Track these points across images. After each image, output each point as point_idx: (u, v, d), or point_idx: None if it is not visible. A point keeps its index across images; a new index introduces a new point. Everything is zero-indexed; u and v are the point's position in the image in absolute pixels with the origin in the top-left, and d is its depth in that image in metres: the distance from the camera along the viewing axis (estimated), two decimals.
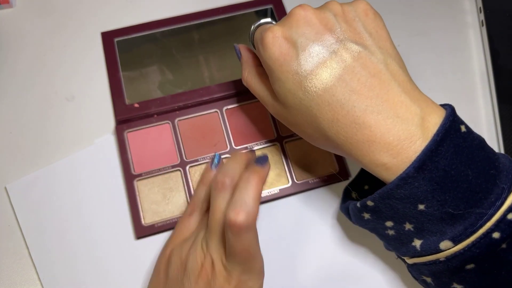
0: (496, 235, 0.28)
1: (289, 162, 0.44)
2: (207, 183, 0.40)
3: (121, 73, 0.46)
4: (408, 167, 0.29)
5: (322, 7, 0.34)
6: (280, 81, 0.33)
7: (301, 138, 0.43)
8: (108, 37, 0.48)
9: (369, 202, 0.32)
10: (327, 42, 0.31)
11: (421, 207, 0.29)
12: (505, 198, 0.29)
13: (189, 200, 0.42)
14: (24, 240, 0.41)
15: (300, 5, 0.33)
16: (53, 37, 0.49)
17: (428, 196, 0.29)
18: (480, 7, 0.52)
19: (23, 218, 0.42)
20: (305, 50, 0.31)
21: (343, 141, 0.31)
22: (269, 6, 0.50)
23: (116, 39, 0.48)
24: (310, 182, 0.44)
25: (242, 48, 0.40)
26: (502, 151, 0.45)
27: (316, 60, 0.31)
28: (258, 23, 0.38)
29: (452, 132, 0.29)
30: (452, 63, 0.50)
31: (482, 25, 0.51)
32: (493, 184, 0.29)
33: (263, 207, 0.43)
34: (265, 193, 0.43)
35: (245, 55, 0.40)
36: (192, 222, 0.39)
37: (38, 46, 0.49)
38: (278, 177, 0.44)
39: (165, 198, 0.42)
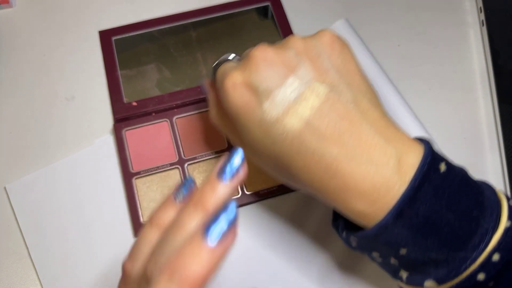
0: (481, 276, 0.27)
1: None
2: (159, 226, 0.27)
3: (119, 72, 0.46)
4: (386, 216, 0.28)
5: (283, 45, 0.31)
6: (246, 130, 0.31)
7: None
8: (106, 36, 0.48)
9: (351, 239, 0.31)
10: (291, 85, 0.29)
11: (403, 251, 0.28)
12: (490, 239, 0.27)
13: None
14: (24, 240, 0.41)
15: (258, 46, 0.31)
16: (52, 36, 0.49)
17: (409, 242, 0.28)
18: (480, 7, 0.51)
19: (23, 218, 0.42)
20: (268, 97, 0.29)
21: (318, 188, 0.29)
22: (267, 4, 0.50)
23: (114, 38, 0.48)
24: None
25: (208, 85, 0.38)
26: (503, 152, 0.45)
27: (281, 107, 0.29)
28: (218, 61, 0.35)
29: (431, 174, 0.28)
30: (452, 63, 0.50)
31: (483, 25, 0.51)
32: (476, 225, 0.28)
33: None
34: None
35: (211, 95, 0.37)
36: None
37: (37, 46, 0.49)
38: None
39: (164, 196, 0.42)
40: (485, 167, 0.45)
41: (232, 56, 0.35)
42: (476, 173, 0.45)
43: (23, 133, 0.45)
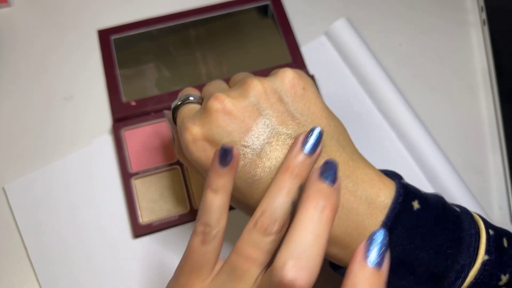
0: None
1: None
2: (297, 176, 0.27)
3: (118, 71, 0.46)
4: None
5: (241, 91, 0.29)
6: None
7: None
8: (104, 35, 0.48)
9: (334, 272, 0.31)
10: (254, 136, 0.28)
11: None
12: (466, 276, 0.27)
13: (187, 198, 0.42)
14: (22, 240, 0.41)
15: (214, 97, 0.29)
16: (50, 35, 0.49)
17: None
18: (482, 6, 0.51)
19: (21, 219, 0.41)
20: None
21: None
22: (267, 3, 0.50)
23: (112, 37, 0.48)
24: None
25: (171, 121, 0.36)
26: (505, 152, 0.45)
27: (248, 161, 0.28)
28: (177, 102, 0.33)
29: (403, 214, 0.27)
30: (454, 62, 0.50)
31: (484, 24, 0.51)
32: (452, 262, 0.27)
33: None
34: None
35: (174, 130, 0.36)
36: (210, 250, 0.27)
37: (35, 45, 0.49)
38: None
39: (163, 196, 0.42)
40: (487, 167, 0.45)
41: (191, 97, 0.33)
42: (477, 173, 0.45)
43: (21, 133, 0.45)
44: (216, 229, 0.26)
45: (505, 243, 0.28)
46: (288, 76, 0.30)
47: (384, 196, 0.28)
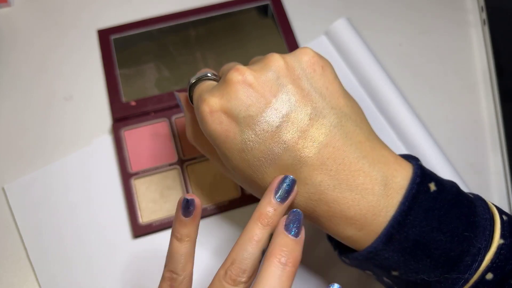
0: None
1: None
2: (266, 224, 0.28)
3: (117, 71, 0.46)
4: (376, 241, 0.27)
5: (262, 66, 0.29)
6: (226, 157, 0.30)
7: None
8: (104, 35, 0.48)
9: (344, 259, 0.31)
10: (273, 112, 0.28)
11: (395, 273, 0.28)
12: (482, 259, 0.27)
13: None
14: (22, 240, 0.41)
15: (236, 69, 0.29)
16: (50, 35, 0.49)
17: (401, 265, 0.27)
18: (482, 6, 0.51)
19: (21, 219, 0.41)
20: (249, 126, 0.28)
21: (304, 213, 0.29)
22: (267, 2, 0.50)
23: (112, 37, 0.48)
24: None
25: (183, 100, 0.36)
26: (505, 152, 0.45)
27: (262, 137, 0.28)
28: (194, 79, 0.33)
29: (421, 196, 0.27)
30: (454, 62, 0.50)
31: (484, 24, 0.51)
32: (468, 245, 0.27)
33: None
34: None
35: (186, 111, 0.36)
36: None
37: (35, 45, 0.49)
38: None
39: (163, 196, 0.42)
40: (487, 167, 0.45)
41: (209, 74, 0.33)
42: (477, 173, 0.45)
43: (21, 133, 0.45)
44: (182, 275, 0.28)
45: None
46: (308, 54, 0.30)
47: (400, 177, 0.28)
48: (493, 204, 0.30)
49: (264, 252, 0.27)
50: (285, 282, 0.25)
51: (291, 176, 0.28)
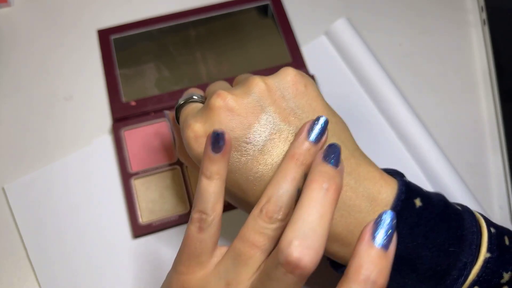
0: None
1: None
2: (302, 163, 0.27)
3: (117, 71, 0.46)
4: None
5: (244, 89, 0.29)
6: None
7: None
8: (104, 35, 0.48)
9: (334, 270, 0.31)
10: (257, 133, 0.28)
11: None
12: (468, 273, 0.27)
13: (187, 198, 0.42)
14: (22, 240, 0.41)
15: (217, 94, 0.29)
16: (50, 35, 0.49)
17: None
18: (482, 6, 0.51)
19: (21, 219, 0.41)
20: (234, 148, 0.28)
21: None
22: (267, 2, 0.50)
23: (112, 37, 0.48)
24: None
25: (172, 121, 0.37)
26: (505, 152, 0.45)
27: (249, 157, 0.28)
28: (181, 101, 0.34)
29: (405, 212, 0.27)
30: (454, 62, 0.50)
31: (484, 24, 0.50)
32: (455, 260, 0.27)
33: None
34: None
35: (175, 130, 0.36)
36: (207, 237, 0.27)
37: (35, 45, 0.49)
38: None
39: (163, 196, 0.42)
40: (487, 167, 0.45)
41: (195, 96, 0.34)
42: (478, 174, 0.45)
43: (21, 133, 0.45)
44: (212, 215, 0.26)
45: (507, 241, 0.28)
46: (290, 74, 0.30)
47: (386, 193, 0.28)
48: (481, 215, 0.30)
49: (299, 192, 0.26)
50: (328, 207, 0.23)
51: (324, 117, 0.27)
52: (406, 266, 0.27)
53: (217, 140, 0.26)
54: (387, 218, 0.22)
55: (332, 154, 0.25)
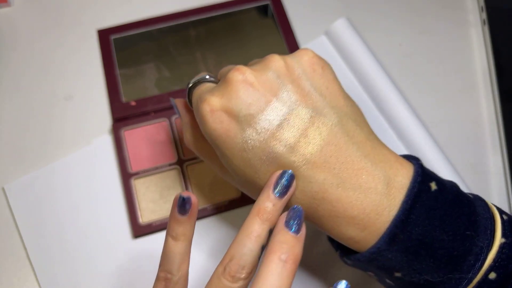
0: None
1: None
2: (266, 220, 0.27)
3: (117, 71, 0.46)
4: (379, 241, 0.27)
5: (262, 66, 0.29)
6: (226, 157, 0.29)
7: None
8: (104, 35, 0.48)
9: (346, 260, 0.30)
10: (274, 111, 0.28)
11: (398, 274, 0.28)
12: (485, 258, 0.27)
13: None
14: (22, 240, 0.41)
15: (236, 68, 0.29)
16: (50, 35, 0.49)
17: (404, 266, 0.27)
18: (482, 6, 0.51)
19: (21, 219, 0.41)
20: (250, 125, 0.28)
21: (306, 214, 0.29)
22: (267, 2, 0.50)
23: (112, 37, 0.48)
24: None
25: (180, 105, 0.36)
26: (505, 152, 0.45)
27: (264, 134, 0.28)
28: (193, 81, 0.33)
29: (423, 195, 0.27)
30: (454, 62, 0.50)
31: (484, 24, 0.50)
32: (471, 244, 0.27)
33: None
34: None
35: (184, 115, 0.36)
36: None
37: (35, 45, 0.49)
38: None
39: (163, 196, 0.42)
40: (487, 167, 0.45)
41: (208, 76, 0.33)
42: (477, 173, 0.45)
43: (21, 133, 0.45)
44: (177, 276, 0.27)
45: None
46: (308, 54, 0.30)
47: (401, 176, 0.28)
48: (492, 204, 0.30)
49: (263, 249, 0.26)
50: (285, 279, 0.24)
51: (290, 171, 0.27)
52: (424, 250, 0.27)
53: (183, 204, 0.27)
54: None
55: (295, 219, 0.26)
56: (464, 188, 0.42)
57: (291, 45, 0.48)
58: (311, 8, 0.51)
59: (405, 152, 0.44)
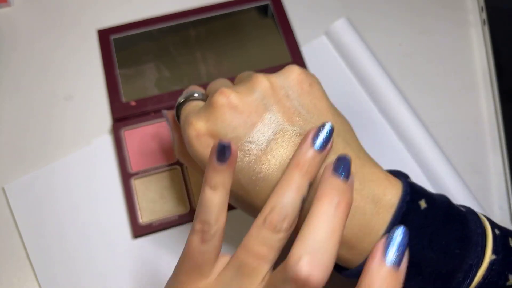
0: None
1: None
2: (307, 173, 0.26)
3: (117, 71, 0.46)
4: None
5: (248, 87, 0.29)
6: None
7: None
8: (104, 35, 0.48)
9: (337, 273, 0.30)
10: (259, 132, 0.28)
11: None
12: (474, 276, 0.27)
13: (187, 198, 0.42)
14: (22, 240, 0.41)
15: (220, 91, 0.28)
16: (50, 35, 0.49)
17: None
18: (482, 6, 0.51)
19: (21, 219, 0.41)
20: (238, 149, 0.28)
21: (295, 232, 0.28)
22: (267, 2, 0.50)
23: (112, 37, 0.48)
24: None
25: (171, 120, 0.36)
26: (505, 152, 0.45)
27: (252, 157, 0.28)
28: (181, 99, 0.33)
29: (411, 214, 0.27)
30: (454, 62, 0.50)
31: (484, 24, 0.50)
32: (460, 262, 0.27)
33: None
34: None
35: (174, 130, 0.36)
36: (210, 248, 0.26)
37: (35, 45, 0.49)
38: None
39: (163, 196, 0.42)
40: (487, 167, 0.45)
41: (196, 94, 0.33)
42: (477, 173, 0.45)
43: (21, 133, 0.45)
44: (215, 227, 0.25)
45: (511, 243, 0.28)
46: (294, 72, 0.30)
47: (390, 195, 0.28)
48: (485, 217, 0.30)
49: (304, 201, 0.25)
50: (338, 223, 0.23)
51: (330, 122, 0.27)
52: (412, 268, 0.26)
53: (223, 150, 0.25)
54: (399, 235, 0.22)
55: (343, 166, 0.24)
56: (464, 188, 0.42)
57: (291, 45, 0.48)
58: (311, 8, 0.51)
59: (405, 153, 0.44)
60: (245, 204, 0.30)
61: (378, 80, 0.46)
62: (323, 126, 0.27)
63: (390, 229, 0.26)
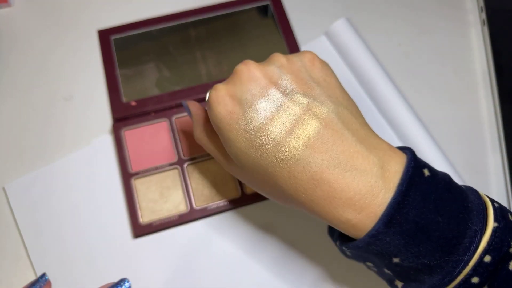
0: (475, 280, 0.27)
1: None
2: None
3: (118, 71, 0.46)
4: (377, 223, 0.28)
5: (266, 61, 0.33)
6: (230, 140, 0.31)
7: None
8: (104, 35, 0.48)
9: (345, 249, 0.31)
10: (273, 96, 0.30)
11: (396, 260, 0.28)
12: (479, 241, 0.27)
13: (187, 198, 0.42)
14: (22, 240, 0.41)
15: (243, 62, 0.33)
16: (50, 35, 0.49)
17: (402, 249, 0.28)
18: (481, 6, 0.51)
19: (21, 219, 0.41)
20: (251, 107, 0.30)
21: (304, 199, 0.29)
22: (267, 3, 0.50)
23: (112, 37, 0.48)
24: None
25: (191, 104, 0.39)
26: (504, 153, 0.45)
27: (264, 116, 0.30)
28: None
29: (417, 179, 0.28)
30: (454, 62, 0.50)
31: (484, 24, 0.51)
32: (465, 227, 0.28)
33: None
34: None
35: (195, 112, 0.38)
36: None
37: (35, 45, 0.49)
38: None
39: (163, 196, 0.42)
40: (487, 167, 0.45)
41: None
42: (477, 173, 0.45)
43: (21, 133, 0.45)
44: None
45: (510, 217, 0.29)
46: (308, 54, 0.33)
47: (395, 162, 0.29)
48: (483, 193, 0.31)
49: None
50: None
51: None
52: (420, 232, 0.27)
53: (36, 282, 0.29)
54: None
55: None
56: None
57: (291, 45, 0.48)
58: (311, 8, 0.51)
59: None
60: (254, 169, 0.31)
61: (378, 80, 0.46)
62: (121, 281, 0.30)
63: (399, 191, 0.27)
